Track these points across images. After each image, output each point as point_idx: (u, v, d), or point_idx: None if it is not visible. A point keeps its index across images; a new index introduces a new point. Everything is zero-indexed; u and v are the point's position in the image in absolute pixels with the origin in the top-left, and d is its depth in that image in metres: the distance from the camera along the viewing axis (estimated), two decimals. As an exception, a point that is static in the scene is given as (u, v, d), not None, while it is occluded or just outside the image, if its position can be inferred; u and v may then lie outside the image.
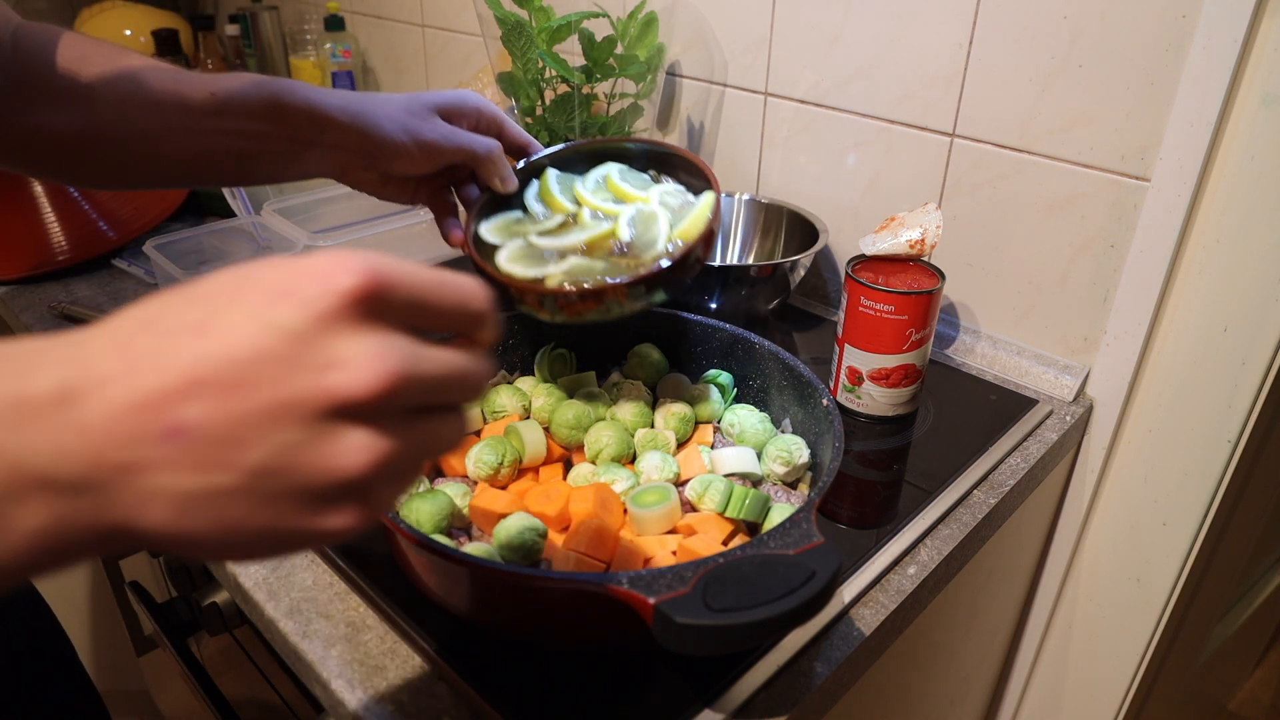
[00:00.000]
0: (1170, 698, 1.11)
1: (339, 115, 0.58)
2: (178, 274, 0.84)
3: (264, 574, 0.57)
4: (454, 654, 0.50)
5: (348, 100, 0.58)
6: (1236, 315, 0.70)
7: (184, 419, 0.24)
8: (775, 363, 0.66)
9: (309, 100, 0.57)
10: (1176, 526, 0.79)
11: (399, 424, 0.27)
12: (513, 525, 0.52)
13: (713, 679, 0.49)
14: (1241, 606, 1.31)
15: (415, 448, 0.28)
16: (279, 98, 0.57)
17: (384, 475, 0.27)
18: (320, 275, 0.26)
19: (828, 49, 0.87)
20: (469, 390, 0.30)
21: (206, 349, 0.25)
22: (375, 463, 0.26)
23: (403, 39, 1.46)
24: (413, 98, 0.60)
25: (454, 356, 0.29)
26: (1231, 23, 0.63)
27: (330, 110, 0.57)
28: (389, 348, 0.26)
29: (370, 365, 0.26)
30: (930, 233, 0.73)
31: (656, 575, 0.41)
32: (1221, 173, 0.67)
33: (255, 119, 0.57)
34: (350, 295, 0.26)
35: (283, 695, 0.71)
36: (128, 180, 0.60)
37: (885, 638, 0.56)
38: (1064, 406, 0.78)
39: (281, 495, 0.26)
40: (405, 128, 0.59)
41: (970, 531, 0.63)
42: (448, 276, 0.30)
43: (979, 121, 0.79)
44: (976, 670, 0.89)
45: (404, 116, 0.59)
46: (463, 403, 0.30)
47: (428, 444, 0.29)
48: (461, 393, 0.30)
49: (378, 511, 0.28)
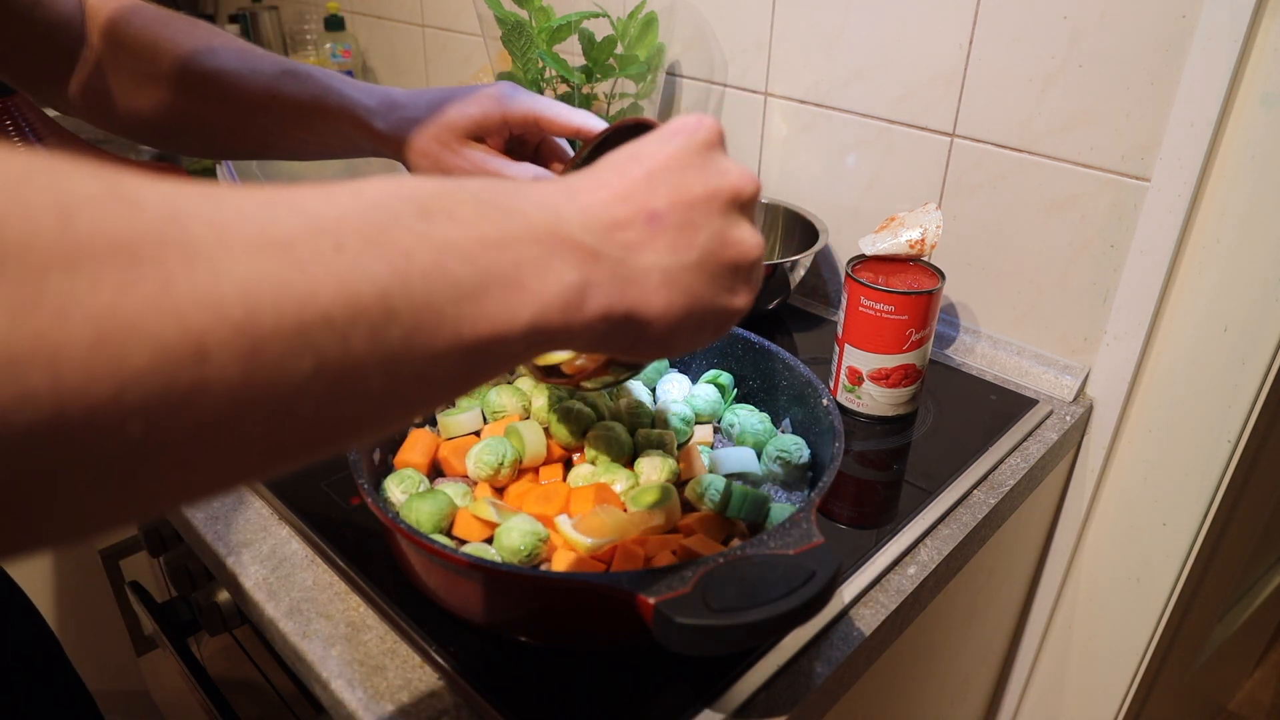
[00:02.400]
0: (1170, 698, 1.11)
1: (381, 143, 0.61)
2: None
3: (264, 574, 0.57)
4: (454, 654, 0.50)
5: (389, 123, 0.60)
6: (1236, 315, 0.70)
7: (656, 206, 0.32)
8: (775, 363, 0.66)
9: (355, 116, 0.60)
10: (1176, 526, 0.79)
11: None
12: (514, 530, 0.52)
13: (713, 679, 0.49)
14: (1241, 606, 1.31)
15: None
16: (324, 101, 0.60)
17: (762, 260, 0.35)
18: (694, 121, 0.35)
19: (828, 49, 0.87)
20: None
21: (645, 164, 0.33)
22: (763, 245, 0.35)
23: (403, 39, 1.46)
24: (443, 122, 0.60)
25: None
26: (1231, 23, 0.63)
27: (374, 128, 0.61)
28: (740, 165, 0.35)
29: (747, 173, 0.35)
30: (930, 233, 0.73)
31: (656, 575, 0.41)
32: (1221, 173, 0.67)
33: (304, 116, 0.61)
34: (716, 130, 0.35)
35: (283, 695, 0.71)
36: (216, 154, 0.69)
37: (885, 638, 0.56)
38: (1064, 406, 0.78)
39: (720, 271, 0.33)
40: (438, 163, 0.60)
41: (970, 531, 0.63)
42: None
43: (979, 121, 0.79)
44: (976, 670, 0.89)
45: (435, 149, 0.60)
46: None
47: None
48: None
49: (754, 296, 0.36)
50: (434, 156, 0.60)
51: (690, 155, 0.34)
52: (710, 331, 0.34)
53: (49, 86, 0.60)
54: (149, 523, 0.77)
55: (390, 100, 0.61)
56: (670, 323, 0.32)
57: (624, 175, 0.32)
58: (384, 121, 0.60)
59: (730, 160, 0.35)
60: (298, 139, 0.62)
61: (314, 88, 0.60)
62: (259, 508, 0.63)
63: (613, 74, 0.92)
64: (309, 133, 0.62)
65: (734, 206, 0.34)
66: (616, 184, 0.32)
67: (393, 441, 0.62)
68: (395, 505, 0.55)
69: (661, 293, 0.31)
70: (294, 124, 0.61)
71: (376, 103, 0.61)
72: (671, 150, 0.34)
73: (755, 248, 0.34)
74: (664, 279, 0.31)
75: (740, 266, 0.34)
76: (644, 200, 0.32)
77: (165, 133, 0.63)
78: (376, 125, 0.60)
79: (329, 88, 0.60)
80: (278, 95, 0.60)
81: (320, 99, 0.60)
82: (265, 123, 0.61)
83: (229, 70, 0.59)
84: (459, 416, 0.63)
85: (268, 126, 0.61)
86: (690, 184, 0.33)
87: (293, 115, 0.60)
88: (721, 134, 0.36)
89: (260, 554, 0.59)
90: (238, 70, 0.59)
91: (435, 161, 0.60)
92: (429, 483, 0.59)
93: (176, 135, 0.63)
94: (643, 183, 0.32)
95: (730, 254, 0.33)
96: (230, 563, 0.58)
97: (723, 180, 0.34)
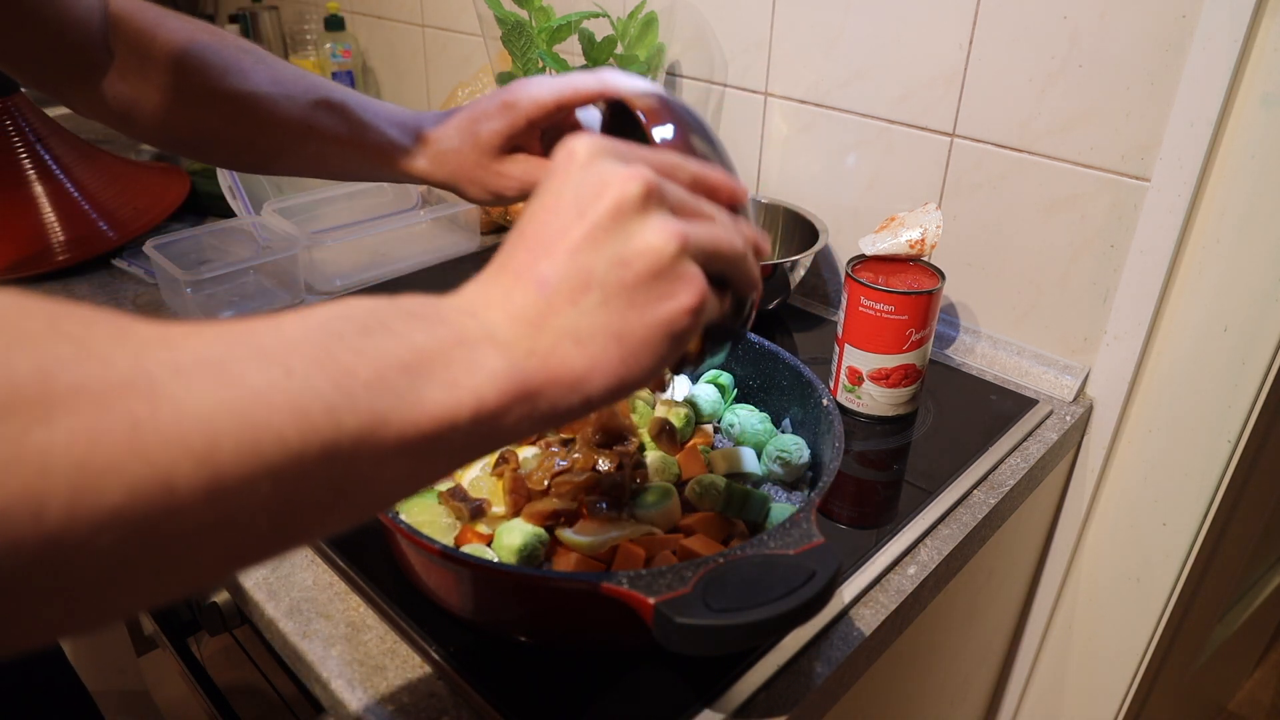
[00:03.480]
0: (1170, 698, 1.11)
1: (421, 179, 0.62)
2: (178, 274, 0.84)
3: (264, 574, 0.57)
4: (454, 654, 0.50)
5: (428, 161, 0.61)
6: (1236, 315, 0.70)
7: (542, 272, 0.32)
8: (775, 363, 0.66)
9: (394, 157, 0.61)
10: (1176, 526, 0.79)
11: (680, 211, 0.34)
12: (515, 530, 0.52)
13: (713, 679, 0.49)
14: (1241, 606, 1.31)
15: (701, 226, 0.34)
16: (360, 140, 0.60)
17: (694, 245, 0.33)
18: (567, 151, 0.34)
19: (828, 49, 0.87)
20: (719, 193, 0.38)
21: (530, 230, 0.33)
22: (678, 233, 0.33)
23: (403, 39, 1.46)
24: (479, 147, 0.59)
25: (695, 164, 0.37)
26: (1231, 23, 0.62)
27: (414, 167, 0.61)
28: (632, 165, 0.34)
29: (630, 173, 0.33)
30: (930, 233, 0.73)
31: (656, 575, 0.41)
32: (1221, 173, 0.67)
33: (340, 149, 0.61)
34: (590, 148, 0.34)
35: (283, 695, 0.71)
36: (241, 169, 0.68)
37: (885, 638, 0.56)
38: (1064, 406, 0.78)
39: (635, 289, 0.32)
40: (486, 188, 0.60)
41: (970, 531, 0.63)
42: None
43: (979, 121, 0.79)
44: (976, 670, 0.89)
45: (482, 176, 0.60)
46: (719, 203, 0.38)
47: (709, 226, 0.35)
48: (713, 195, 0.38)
49: (704, 281, 0.34)
50: (481, 183, 0.60)
51: (564, 197, 0.33)
52: (667, 345, 0.33)
53: (70, 88, 0.59)
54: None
55: (421, 135, 0.60)
56: (607, 370, 0.32)
57: (513, 256, 0.33)
58: (423, 161, 0.61)
59: (610, 168, 0.33)
60: (333, 168, 0.63)
61: (350, 123, 0.60)
62: (259, 508, 0.63)
63: (613, 74, 0.92)
64: (345, 164, 0.62)
65: (623, 217, 0.32)
66: (509, 267, 0.33)
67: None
68: (395, 505, 0.55)
69: (579, 350, 0.31)
70: (329, 156, 0.61)
71: (411, 141, 0.60)
72: (547, 204, 0.33)
73: (667, 242, 0.32)
74: (575, 336, 0.31)
75: (659, 270, 0.32)
76: (530, 274, 0.32)
77: (192, 147, 0.63)
78: (416, 165, 0.61)
79: (365, 124, 0.60)
80: (313, 128, 0.60)
81: (358, 136, 0.60)
82: (299, 151, 0.61)
83: (262, 95, 0.59)
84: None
85: (303, 154, 0.61)
86: (566, 227, 0.32)
87: (330, 148, 0.61)
88: (599, 148, 0.34)
89: (260, 554, 0.59)
90: (271, 95, 0.59)
91: (484, 188, 0.60)
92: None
93: (204, 149, 0.63)
94: (526, 255, 0.32)
95: (638, 267, 0.32)
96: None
97: (599, 199, 0.32)
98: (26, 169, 1.00)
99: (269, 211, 0.96)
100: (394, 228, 1.01)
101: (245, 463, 0.23)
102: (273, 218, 0.95)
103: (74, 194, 1.01)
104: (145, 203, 1.05)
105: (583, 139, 0.34)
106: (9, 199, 0.99)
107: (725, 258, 0.35)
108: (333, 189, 1.03)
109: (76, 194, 1.02)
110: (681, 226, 0.33)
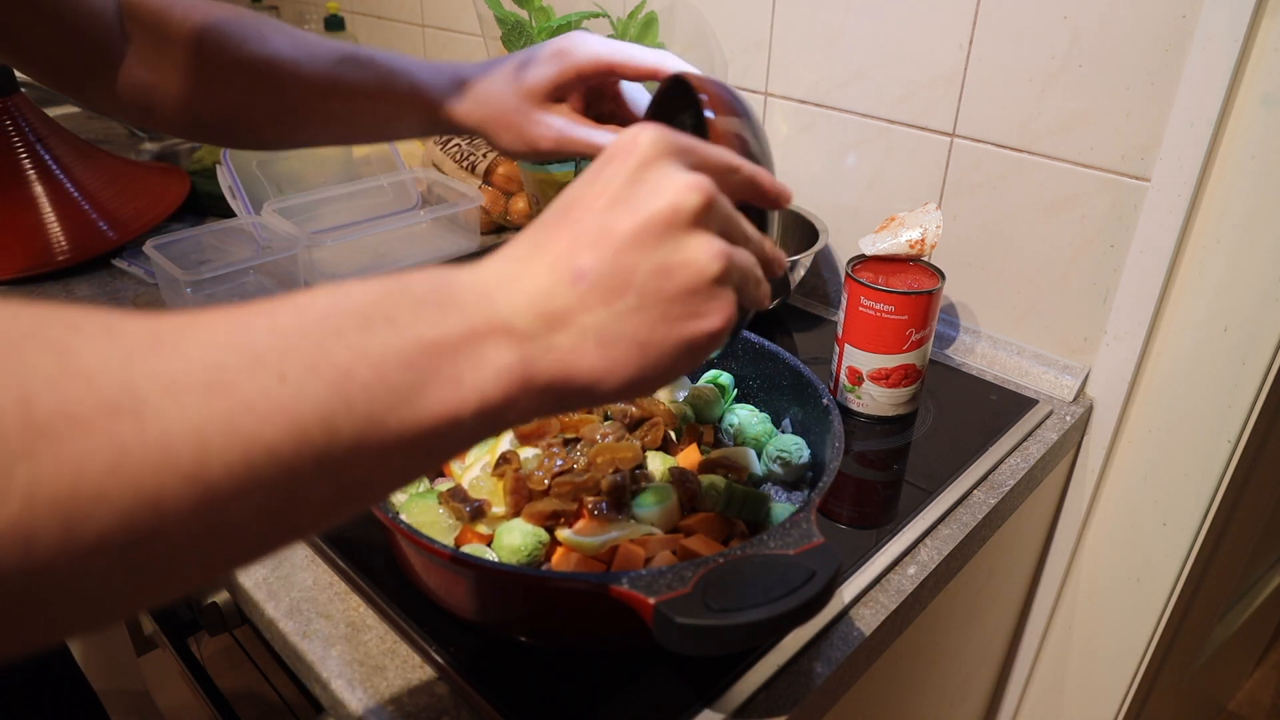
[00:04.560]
0: (1170, 698, 1.11)
1: (456, 125, 0.58)
2: (178, 274, 0.84)
3: (264, 574, 0.57)
4: (454, 654, 0.50)
5: (465, 103, 0.57)
6: (1236, 315, 0.70)
7: (581, 265, 0.31)
8: (775, 363, 0.66)
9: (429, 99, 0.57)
10: (1176, 526, 0.79)
11: (727, 231, 0.34)
12: (515, 530, 0.52)
13: (713, 679, 0.49)
14: (1241, 606, 1.31)
15: (746, 251, 0.35)
16: (391, 87, 0.57)
17: (734, 270, 0.33)
18: (626, 144, 0.33)
19: (828, 49, 0.87)
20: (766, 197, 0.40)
21: (571, 218, 0.32)
22: (724, 254, 0.32)
23: (403, 39, 1.46)
24: (521, 92, 0.56)
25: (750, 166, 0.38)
26: (1231, 23, 0.62)
27: (449, 110, 0.57)
28: (694, 175, 0.33)
29: (690, 184, 0.32)
30: (930, 233, 0.73)
31: (656, 575, 0.41)
32: (1221, 173, 0.67)
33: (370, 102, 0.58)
34: (653, 147, 0.33)
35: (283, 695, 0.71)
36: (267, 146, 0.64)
37: (885, 638, 0.56)
38: (1064, 406, 0.78)
39: (671, 301, 0.32)
40: (521, 136, 0.56)
41: (970, 531, 0.63)
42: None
43: (979, 121, 0.79)
44: (976, 670, 0.89)
45: (518, 121, 0.56)
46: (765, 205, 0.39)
47: (746, 253, 0.35)
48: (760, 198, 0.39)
49: (734, 307, 0.34)
50: (517, 129, 0.56)
51: (618, 188, 0.32)
52: (685, 362, 0.33)
53: (87, 82, 0.58)
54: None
55: (459, 78, 0.57)
56: (623, 376, 0.31)
57: (552, 237, 0.32)
58: (459, 102, 0.57)
59: (671, 173, 0.33)
60: (361, 125, 0.60)
61: (379, 72, 0.57)
62: (259, 508, 0.63)
63: (613, 74, 0.92)
64: (374, 119, 0.59)
65: (676, 227, 0.32)
66: (546, 249, 0.32)
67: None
68: (395, 505, 0.56)
69: (601, 352, 0.31)
70: (357, 112, 0.58)
71: (447, 82, 0.57)
72: (598, 190, 0.32)
73: (711, 262, 0.32)
74: (600, 338, 0.30)
75: (697, 288, 0.32)
76: (568, 263, 0.31)
77: (215, 129, 0.61)
78: (452, 108, 0.57)
79: (395, 71, 0.57)
80: (339, 83, 0.57)
81: (387, 85, 0.57)
82: (326, 111, 0.58)
83: (284, 58, 0.56)
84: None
85: (329, 114, 0.58)
86: (616, 224, 0.31)
87: (357, 102, 0.58)
88: (664, 146, 0.33)
89: (260, 554, 0.59)
90: (294, 58, 0.57)
91: (519, 135, 0.56)
92: (429, 483, 0.59)
93: (227, 129, 0.61)
94: (567, 241, 0.31)
95: (679, 280, 0.31)
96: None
97: (654, 204, 0.31)
98: (26, 169, 1.00)
99: (269, 211, 0.96)
100: (394, 228, 1.01)
101: (236, 476, 0.22)
102: (273, 218, 0.95)
103: (74, 194, 1.01)
104: (145, 203, 1.05)
105: (649, 130, 0.33)
106: (9, 199, 0.99)
107: (751, 282, 0.35)
108: (333, 189, 1.03)
109: (76, 194, 1.02)
110: (728, 249, 0.33)
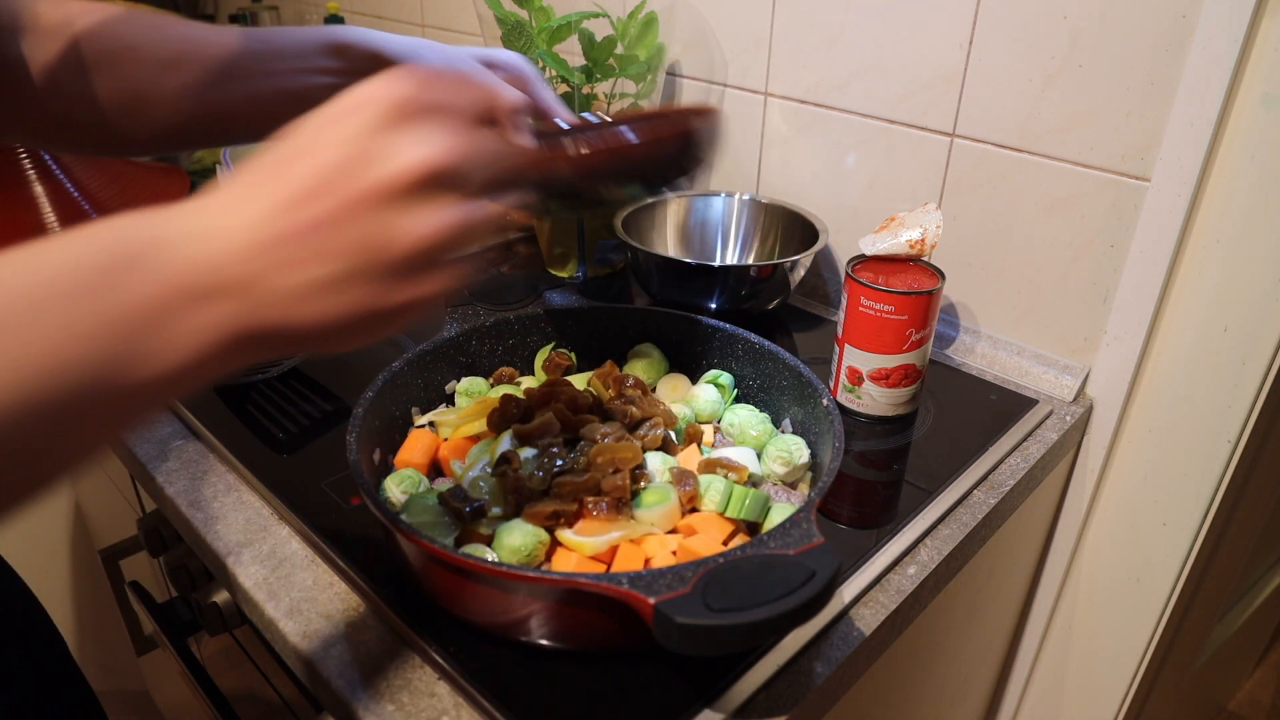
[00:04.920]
0: (1170, 698, 1.11)
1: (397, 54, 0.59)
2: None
3: (264, 574, 0.57)
4: (454, 654, 0.50)
5: (405, 43, 0.59)
6: (1236, 315, 0.70)
7: (299, 219, 0.30)
8: (775, 363, 0.66)
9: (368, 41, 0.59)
10: (1176, 526, 0.79)
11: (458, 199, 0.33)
12: (515, 530, 0.52)
13: (713, 679, 0.49)
14: (1241, 606, 1.31)
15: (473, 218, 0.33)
16: (337, 37, 0.58)
17: (452, 241, 0.32)
18: (365, 95, 0.32)
19: (828, 49, 0.87)
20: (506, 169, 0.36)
21: (300, 164, 0.31)
22: (441, 229, 0.32)
23: (403, 39, 1.46)
24: (460, 48, 0.60)
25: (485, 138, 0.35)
26: (1231, 23, 0.63)
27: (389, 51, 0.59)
28: (428, 138, 0.32)
29: (431, 149, 0.32)
30: (930, 233, 0.73)
31: (656, 575, 0.41)
32: (1221, 173, 0.67)
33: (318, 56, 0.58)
34: (395, 101, 0.32)
35: (283, 695, 0.71)
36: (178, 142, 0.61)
37: (885, 638, 0.56)
38: (1064, 406, 0.78)
39: (383, 270, 0.31)
40: (448, 61, 0.59)
41: (970, 531, 0.63)
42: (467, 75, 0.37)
43: (979, 121, 0.79)
44: (976, 670, 0.89)
45: (451, 56, 0.59)
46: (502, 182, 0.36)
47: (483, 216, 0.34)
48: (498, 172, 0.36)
49: (456, 279, 0.34)
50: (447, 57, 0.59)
51: (353, 142, 0.31)
52: (382, 327, 0.33)
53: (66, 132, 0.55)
54: (149, 523, 0.77)
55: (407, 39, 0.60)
56: (326, 331, 0.32)
57: (280, 180, 0.31)
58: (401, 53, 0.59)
59: (411, 137, 0.32)
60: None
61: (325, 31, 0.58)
62: (259, 508, 0.63)
63: (613, 74, 0.92)
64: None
65: (406, 193, 0.31)
66: (271, 193, 0.31)
67: (393, 442, 0.62)
68: (395, 505, 0.56)
69: (309, 306, 0.31)
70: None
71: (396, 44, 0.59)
72: (333, 140, 0.31)
73: (431, 233, 0.32)
74: (309, 293, 0.31)
75: (411, 259, 0.32)
76: (301, 212, 0.30)
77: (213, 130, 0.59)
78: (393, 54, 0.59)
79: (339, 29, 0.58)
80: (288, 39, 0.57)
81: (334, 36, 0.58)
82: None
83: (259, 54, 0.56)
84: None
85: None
86: (347, 181, 0.31)
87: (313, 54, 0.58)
88: (407, 101, 0.32)
89: (260, 554, 0.59)
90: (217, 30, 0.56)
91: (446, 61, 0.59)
92: (429, 483, 0.59)
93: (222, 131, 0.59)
94: (301, 184, 0.31)
95: (396, 249, 0.31)
96: (230, 562, 0.58)
97: (387, 167, 0.31)
98: (26, 169, 1.00)
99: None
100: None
101: None
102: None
103: (74, 194, 1.01)
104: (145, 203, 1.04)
105: (399, 84, 0.32)
106: (9, 199, 0.99)
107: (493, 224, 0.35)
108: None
109: (76, 194, 1.02)
110: (458, 217, 0.32)
